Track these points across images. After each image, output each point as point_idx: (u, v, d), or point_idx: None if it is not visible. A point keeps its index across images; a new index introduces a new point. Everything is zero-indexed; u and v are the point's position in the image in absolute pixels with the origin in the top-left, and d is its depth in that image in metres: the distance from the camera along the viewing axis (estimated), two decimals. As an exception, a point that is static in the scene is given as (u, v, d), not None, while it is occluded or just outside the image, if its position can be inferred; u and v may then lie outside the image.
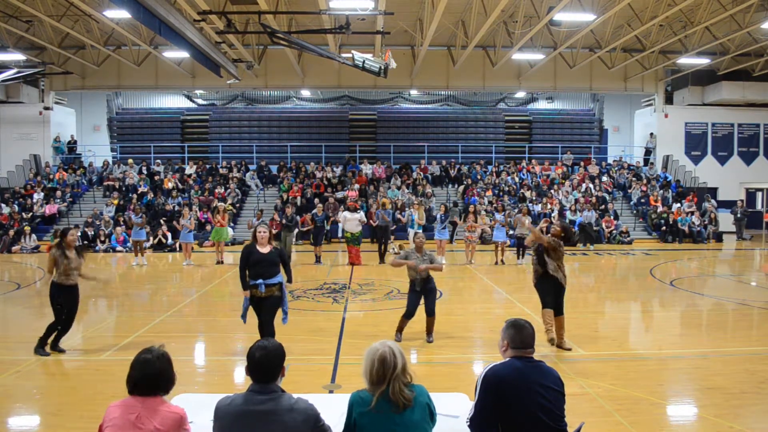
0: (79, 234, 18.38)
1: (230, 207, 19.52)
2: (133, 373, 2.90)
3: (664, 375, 6.62)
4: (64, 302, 7.03)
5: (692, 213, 21.93)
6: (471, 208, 16.87)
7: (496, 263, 15.33)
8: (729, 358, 7.12)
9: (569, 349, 7.27)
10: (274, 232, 16.95)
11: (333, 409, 3.56)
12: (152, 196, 22.25)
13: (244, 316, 6.96)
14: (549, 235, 7.45)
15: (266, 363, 2.93)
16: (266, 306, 6.71)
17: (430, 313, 7.61)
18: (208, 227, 16.88)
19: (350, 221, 15.48)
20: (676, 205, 22.32)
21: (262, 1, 14.18)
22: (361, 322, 9.07)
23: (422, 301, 7.61)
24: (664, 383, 6.32)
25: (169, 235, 19.45)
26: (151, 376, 2.87)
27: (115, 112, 28.15)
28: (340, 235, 20.35)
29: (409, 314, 7.56)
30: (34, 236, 19.06)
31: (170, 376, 2.94)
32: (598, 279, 13.88)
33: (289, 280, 7.16)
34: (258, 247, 6.72)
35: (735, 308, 10.34)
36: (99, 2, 15.99)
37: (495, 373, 3.20)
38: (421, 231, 15.86)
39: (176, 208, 20.99)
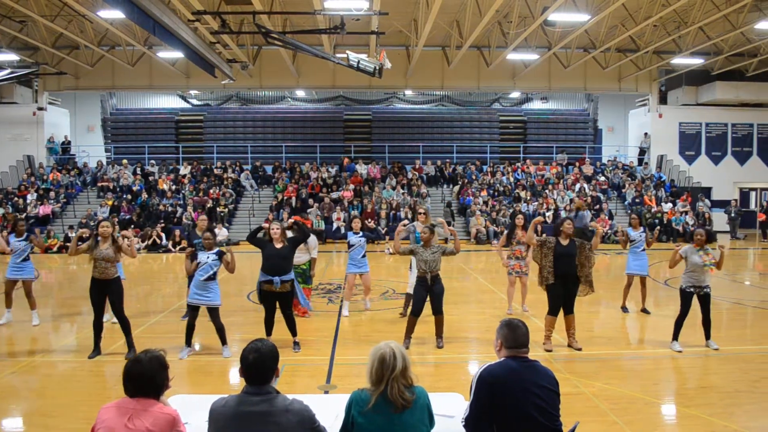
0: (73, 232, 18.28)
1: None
2: (124, 373, 2.90)
3: (659, 374, 6.64)
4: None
5: (686, 213, 22.02)
6: (518, 221, 9.42)
7: None
8: (723, 357, 7.15)
9: (579, 349, 7.33)
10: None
11: (328, 410, 3.55)
12: (146, 196, 22.19)
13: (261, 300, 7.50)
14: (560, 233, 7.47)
15: (260, 365, 2.91)
16: (282, 303, 7.37)
17: (438, 311, 7.44)
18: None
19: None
20: (667, 205, 22.42)
21: (256, 2, 14.14)
22: (356, 323, 9.06)
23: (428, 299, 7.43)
24: (659, 382, 6.34)
25: (163, 236, 19.42)
26: (139, 377, 2.86)
27: (109, 113, 28.06)
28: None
29: (416, 312, 7.37)
30: (27, 237, 18.95)
31: (160, 379, 2.91)
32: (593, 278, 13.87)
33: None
34: (273, 243, 7.31)
35: (729, 307, 10.38)
36: (93, 2, 15.93)
37: (490, 373, 3.20)
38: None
39: (170, 208, 20.95)
